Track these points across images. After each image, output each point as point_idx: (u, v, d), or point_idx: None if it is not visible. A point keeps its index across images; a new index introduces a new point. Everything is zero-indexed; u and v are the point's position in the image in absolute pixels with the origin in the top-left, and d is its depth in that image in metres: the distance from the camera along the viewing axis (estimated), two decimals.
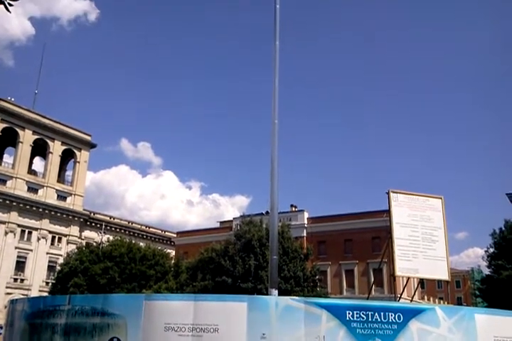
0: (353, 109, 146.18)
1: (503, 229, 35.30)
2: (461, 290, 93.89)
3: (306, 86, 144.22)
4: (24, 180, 59.60)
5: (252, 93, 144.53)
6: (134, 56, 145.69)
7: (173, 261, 46.43)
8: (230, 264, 34.07)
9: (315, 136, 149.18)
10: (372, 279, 47.04)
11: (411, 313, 13.92)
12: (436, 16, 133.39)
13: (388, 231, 21.64)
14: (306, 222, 55.86)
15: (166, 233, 78.07)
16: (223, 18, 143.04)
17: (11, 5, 4.64)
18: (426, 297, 65.23)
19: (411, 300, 27.84)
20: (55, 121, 63.75)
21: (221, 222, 66.64)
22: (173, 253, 57.88)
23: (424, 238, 20.54)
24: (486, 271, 38.42)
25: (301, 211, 57.58)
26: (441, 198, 21.81)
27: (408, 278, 24.98)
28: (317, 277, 37.35)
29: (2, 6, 4.63)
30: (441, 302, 71.80)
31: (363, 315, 13.53)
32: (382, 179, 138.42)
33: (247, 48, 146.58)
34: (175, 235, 69.98)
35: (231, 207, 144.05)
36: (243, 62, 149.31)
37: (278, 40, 17.14)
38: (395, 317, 13.65)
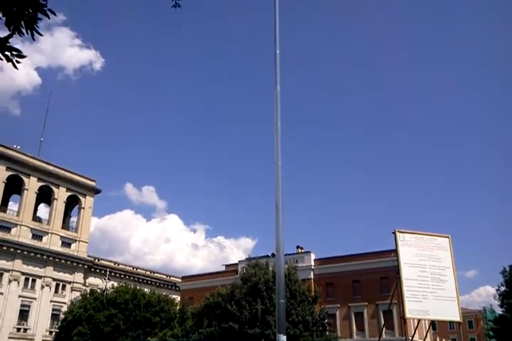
0: (356, 148, 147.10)
1: None
2: (474, 331, 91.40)
3: (308, 126, 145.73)
4: (29, 227, 59.46)
5: (255, 135, 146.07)
6: (137, 103, 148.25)
7: (178, 307, 45.68)
8: (236, 309, 33.46)
9: (320, 175, 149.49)
10: (383, 322, 45.91)
11: None
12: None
13: (396, 271, 21.35)
14: (312, 263, 55.09)
15: (171, 278, 77.08)
16: (228, 66, 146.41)
17: (18, 62, 4.79)
18: (438, 338, 63.50)
19: None
20: (60, 168, 64.21)
21: (226, 266, 65.79)
22: (178, 298, 56.99)
23: (433, 278, 20.26)
24: (499, 311, 37.55)
25: (308, 252, 56.87)
26: (448, 237, 21.62)
27: (419, 320, 24.44)
28: (326, 321, 36.62)
29: (10, 62, 4.79)
30: None
31: None
32: (389, 218, 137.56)
33: (248, 93, 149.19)
34: (180, 280, 69.00)
35: (236, 250, 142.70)
36: (246, 105, 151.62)
37: (279, 85, 17.45)
38: None
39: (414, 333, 26.87)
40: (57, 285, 60.59)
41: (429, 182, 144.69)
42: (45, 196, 63.47)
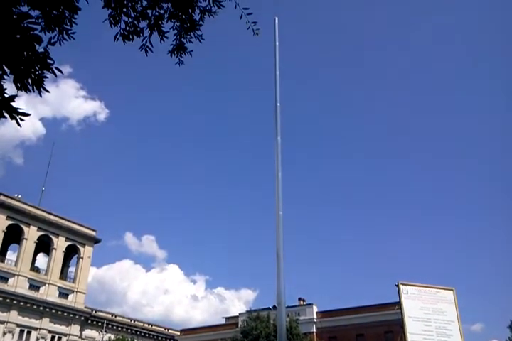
0: (354, 192, 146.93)
1: None
2: None
3: (309, 167, 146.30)
4: (26, 277, 58.55)
5: (256, 181, 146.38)
6: (140, 152, 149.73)
7: None
8: None
9: (320, 225, 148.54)
10: None
11: None
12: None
13: (401, 325, 20.85)
14: (315, 316, 53.83)
15: (170, 331, 75.08)
16: (231, 124, 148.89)
17: (22, 120, 4.91)
18: None
19: None
20: (60, 217, 63.99)
21: (227, 318, 64.34)
22: None
23: (438, 332, 19.80)
24: None
25: (310, 305, 55.69)
26: (452, 290, 21.31)
27: None
28: None
29: (14, 120, 4.93)
30: None
31: None
32: (392, 268, 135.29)
33: (250, 139, 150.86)
34: (178, 333, 67.32)
35: (237, 302, 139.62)
36: (244, 148, 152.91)
37: (279, 136, 17.70)
38: None
39: None
40: (52, 338, 58.90)
41: (432, 232, 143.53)
42: (44, 245, 62.88)
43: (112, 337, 47.86)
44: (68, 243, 63.96)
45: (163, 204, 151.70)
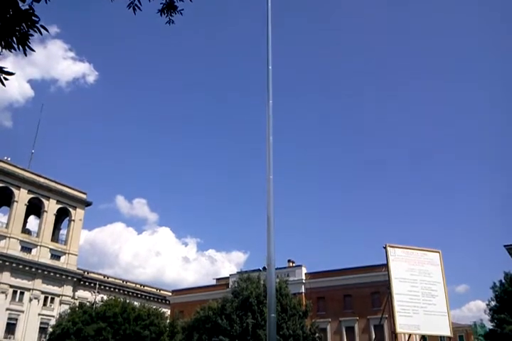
0: (348, 163, 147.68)
1: (503, 281, 34.73)
2: None
3: (300, 134, 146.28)
4: (18, 239, 58.95)
5: (248, 148, 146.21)
6: (130, 115, 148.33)
7: (168, 321, 45.25)
8: (227, 323, 33.25)
9: (312, 190, 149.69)
10: (374, 336, 45.71)
11: None
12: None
13: (387, 286, 21.37)
14: (304, 277, 54.90)
15: (161, 291, 76.52)
16: (222, 81, 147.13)
17: (6, 79, 4.80)
18: None
19: None
20: (50, 180, 63.91)
21: (218, 279, 65.44)
22: (168, 312, 56.46)
23: (423, 293, 20.30)
24: (489, 325, 37.45)
25: (299, 266, 56.71)
26: (438, 252, 21.73)
27: (410, 335, 24.40)
28: (317, 335, 36.40)
29: None
30: None
31: None
32: (380, 232, 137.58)
33: (246, 106, 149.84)
34: (170, 293, 68.51)
35: (228, 263, 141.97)
36: (238, 118, 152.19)
37: (271, 99, 17.57)
38: None
39: None
40: (45, 298, 59.92)
41: (419, 196, 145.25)
42: (34, 208, 63.05)
43: (105, 297, 48.62)
44: (59, 206, 64.14)
45: (154, 167, 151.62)
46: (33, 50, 5.06)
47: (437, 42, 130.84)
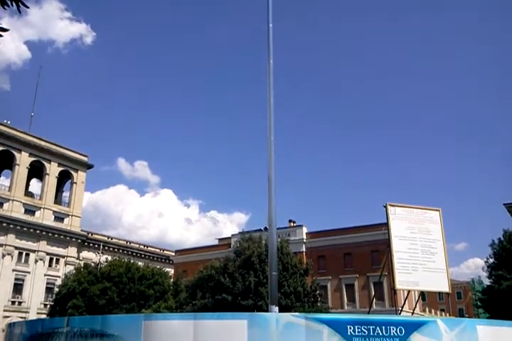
0: (351, 118, 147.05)
1: (502, 239, 35.24)
2: (462, 302, 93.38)
3: (302, 95, 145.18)
4: (21, 202, 59.41)
5: (248, 108, 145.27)
6: (129, 77, 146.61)
7: (172, 280, 46.14)
8: (229, 281, 33.87)
9: (313, 151, 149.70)
10: (373, 293, 46.77)
11: (412, 326, 13.87)
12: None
13: (387, 244, 21.64)
14: (304, 237, 55.68)
15: (165, 252, 77.72)
16: (221, 40, 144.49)
17: (0, 36, 4.68)
18: (427, 309, 64.76)
19: (412, 313, 27.70)
20: (51, 143, 63.81)
21: (220, 239, 66.34)
22: (171, 271, 57.57)
23: (423, 250, 20.56)
24: (487, 282, 38.28)
25: (300, 226, 57.41)
26: (438, 210, 21.88)
27: (409, 291, 24.90)
28: (317, 292, 37.12)
29: None
30: (443, 314, 71.30)
31: (364, 330, 13.47)
32: (381, 192, 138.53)
33: (240, 61, 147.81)
34: (173, 254, 69.62)
35: (230, 224, 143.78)
36: (237, 78, 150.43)
37: (272, 59, 17.35)
38: (396, 331, 13.59)
39: (404, 304, 27.43)
40: (50, 259, 60.95)
41: (419, 156, 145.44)
42: (36, 171, 63.25)
43: (109, 258, 49.45)
44: (61, 168, 64.28)
45: (155, 130, 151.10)
46: (27, 7, 4.94)
47: None
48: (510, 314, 25.70)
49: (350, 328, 13.43)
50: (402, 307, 29.42)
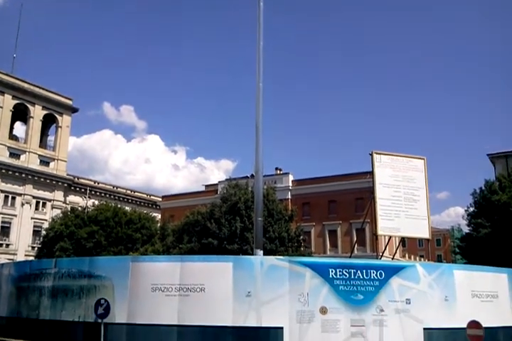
0: (338, 67, 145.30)
1: (484, 188, 35.79)
2: (441, 248, 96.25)
3: (292, 45, 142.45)
4: (5, 145, 58.77)
5: (237, 54, 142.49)
6: (115, 17, 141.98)
7: (159, 225, 46.69)
8: (215, 227, 34.42)
9: (301, 98, 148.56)
10: (355, 238, 47.90)
11: (392, 270, 14.37)
12: None
13: (371, 192, 21.96)
14: (290, 184, 56.25)
15: (152, 197, 78.21)
16: None
17: None
18: (407, 255, 66.75)
19: (392, 258, 28.48)
20: (34, 85, 62.43)
21: (207, 186, 66.72)
22: (158, 217, 58.19)
23: (406, 198, 20.93)
24: (466, 230, 39.16)
25: (286, 174, 57.86)
26: (423, 159, 22.11)
27: (390, 237, 25.56)
28: (301, 237, 37.96)
29: None
30: (422, 260, 73.56)
31: (345, 273, 13.93)
32: (366, 141, 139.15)
33: (233, 7, 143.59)
34: (160, 199, 70.14)
35: (217, 171, 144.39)
36: (228, 25, 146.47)
37: (262, 1, 16.87)
38: (376, 275, 14.08)
39: (385, 249, 28.10)
40: (37, 203, 61.15)
41: (407, 105, 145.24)
42: (20, 114, 62.21)
43: (96, 202, 49.70)
44: (45, 112, 63.29)
45: (140, 73, 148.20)
46: None
47: None
48: (486, 260, 26.54)
49: (332, 271, 13.87)
50: (383, 253, 30.20)
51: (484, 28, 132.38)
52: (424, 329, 13.99)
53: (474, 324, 12.97)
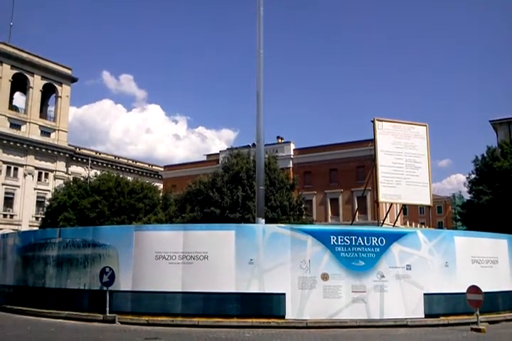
0: (339, 35, 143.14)
1: (485, 155, 35.72)
2: (442, 216, 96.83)
3: (292, 13, 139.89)
4: (5, 116, 58.48)
5: (237, 22, 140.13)
6: None
7: (161, 195, 46.89)
8: (218, 196, 34.55)
9: (301, 67, 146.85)
10: (356, 206, 48.17)
11: (393, 237, 14.51)
12: None
13: (373, 159, 21.91)
14: (292, 153, 56.22)
15: (153, 167, 78.35)
16: None
17: None
18: (408, 222, 67.23)
19: (393, 226, 28.67)
20: (33, 55, 61.65)
21: (208, 155, 66.77)
22: (160, 186, 58.41)
23: (407, 165, 20.87)
24: (467, 197, 39.33)
25: (288, 142, 57.77)
26: (425, 126, 21.95)
27: (391, 204, 25.64)
28: (303, 206, 38.11)
29: None
30: (423, 227, 74.07)
31: (346, 240, 14.07)
32: (368, 108, 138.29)
33: None
34: (162, 169, 70.26)
35: (218, 141, 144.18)
36: None
37: None
38: (377, 241, 14.23)
39: (386, 217, 28.24)
40: (39, 174, 61.33)
41: (408, 71, 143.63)
42: (20, 84, 61.67)
43: (98, 173, 49.79)
44: (44, 81, 62.73)
45: (140, 41, 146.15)
46: None
47: None
48: (486, 227, 26.73)
49: (333, 238, 14.01)
50: (384, 220, 30.46)
51: None
52: (425, 294, 14.22)
53: (474, 289, 13.16)
